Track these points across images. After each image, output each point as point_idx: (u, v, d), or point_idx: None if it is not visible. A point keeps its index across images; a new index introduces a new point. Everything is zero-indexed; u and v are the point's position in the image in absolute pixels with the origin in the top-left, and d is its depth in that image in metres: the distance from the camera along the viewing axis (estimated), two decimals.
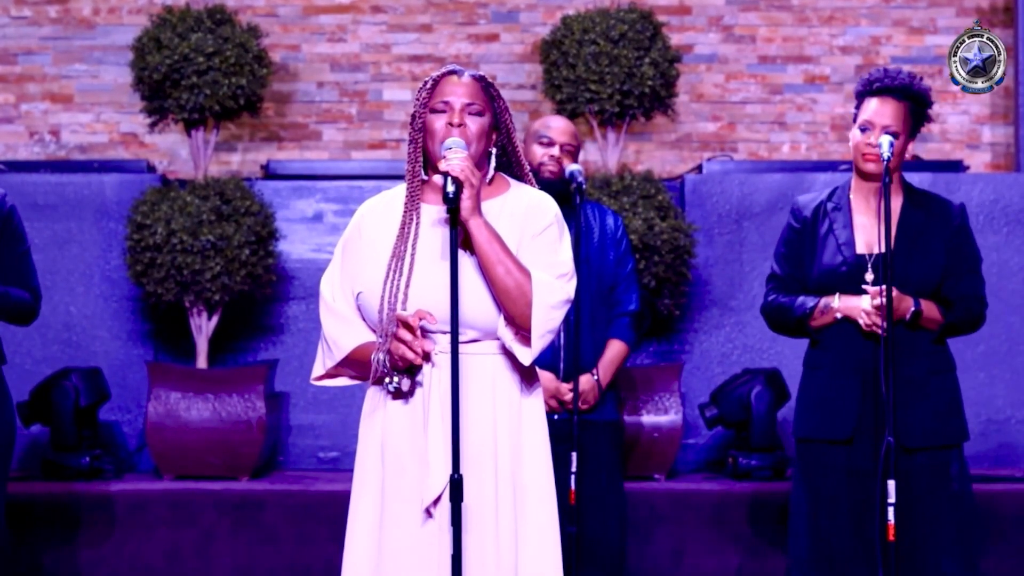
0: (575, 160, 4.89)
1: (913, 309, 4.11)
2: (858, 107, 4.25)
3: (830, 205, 4.29)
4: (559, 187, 4.72)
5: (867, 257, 4.19)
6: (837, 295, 4.18)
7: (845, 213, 4.25)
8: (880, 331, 4.05)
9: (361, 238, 3.31)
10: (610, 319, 4.90)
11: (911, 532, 4.06)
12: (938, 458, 4.12)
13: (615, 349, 4.88)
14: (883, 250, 4.15)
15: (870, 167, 4.19)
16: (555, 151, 4.82)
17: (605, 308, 4.89)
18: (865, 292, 4.13)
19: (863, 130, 4.20)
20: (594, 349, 4.83)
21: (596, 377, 4.80)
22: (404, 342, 3.12)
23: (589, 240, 4.85)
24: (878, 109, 4.18)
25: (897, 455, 4.03)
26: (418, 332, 3.12)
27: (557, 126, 4.90)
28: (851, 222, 4.23)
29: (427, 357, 3.15)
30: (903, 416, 4.05)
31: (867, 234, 4.21)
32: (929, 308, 4.15)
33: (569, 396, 4.70)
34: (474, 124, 3.25)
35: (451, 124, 3.23)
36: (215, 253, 6.25)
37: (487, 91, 3.30)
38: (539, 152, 4.82)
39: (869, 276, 4.16)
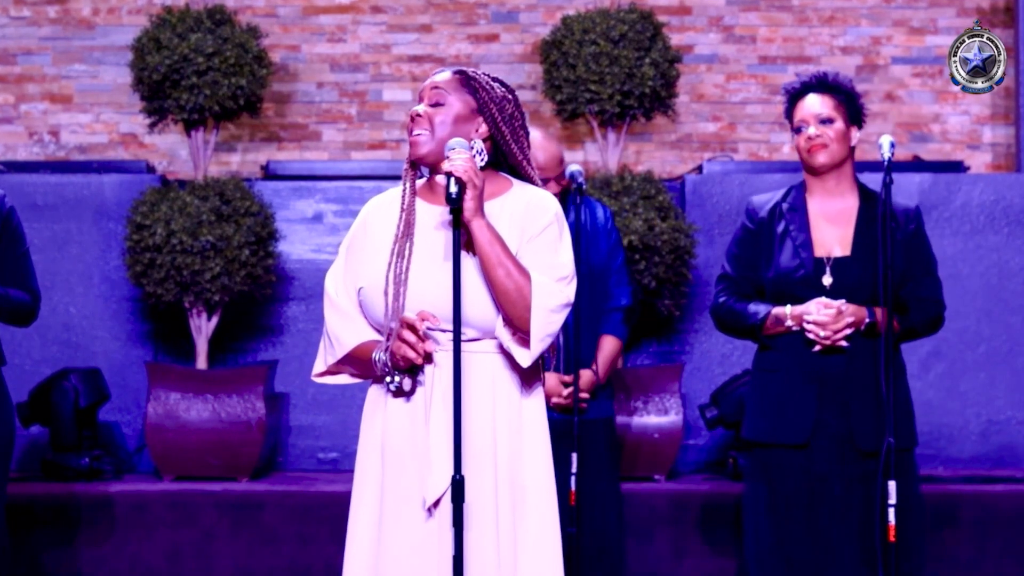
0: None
1: (868, 320, 4.06)
2: (790, 119, 4.27)
3: (786, 206, 4.25)
4: None
5: (825, 261, 4.14)
6: (789, 306, 4.13)
7: (802, 214, 4.22)
8: (830, 344, 4.04)
9: (366, 234, 3.31)
10: (602, 313, 4.88)
11: (868, 534, 4.02)
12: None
13: (610, 345, 4.89)
14: (843, 253, 4.14)
15: (819, 158, 4.17)
16: None
17: (601, 301, 4.88)
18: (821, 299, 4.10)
19: (798, 130, 4.21)
20: (590, 344, 4.83)
21: (596, 373, 4.79)
22: (407, 343, 3.11)
23: (584, 236, 4.83)
24: (805, 105, 4.22)
25: (854, 457, 4.04)
26: (421, 334, 3.11)
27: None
28: (808, 224, 4.19)
29: (429, 358, 3.15)
30: (859, 420, 4.05)
31: (824, 237, 4.18)
32: (884, 316, 4.09)
33: (567, 392, 4.68)
34: (436, 113, 3.23)
35: (413, 116, 3.24)
36: (215, 253, 6.24)
37: (468, 84, 3.27)
38: None
39: (827, 280, 4.12)
